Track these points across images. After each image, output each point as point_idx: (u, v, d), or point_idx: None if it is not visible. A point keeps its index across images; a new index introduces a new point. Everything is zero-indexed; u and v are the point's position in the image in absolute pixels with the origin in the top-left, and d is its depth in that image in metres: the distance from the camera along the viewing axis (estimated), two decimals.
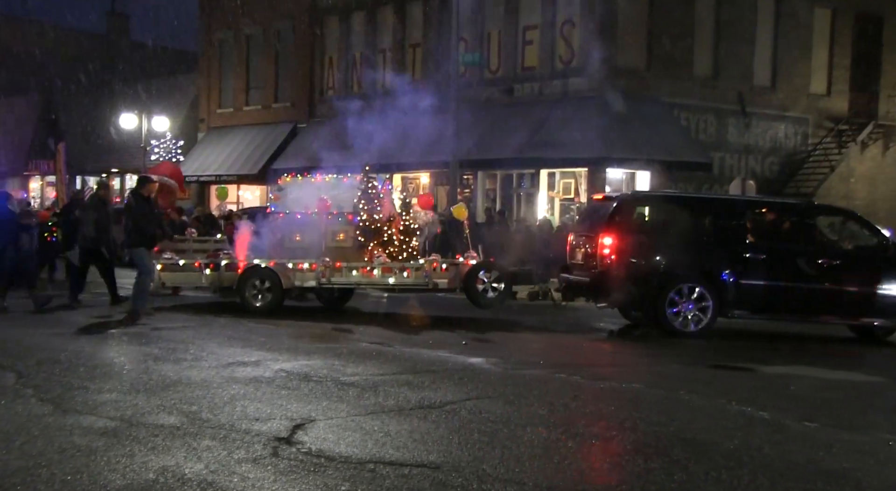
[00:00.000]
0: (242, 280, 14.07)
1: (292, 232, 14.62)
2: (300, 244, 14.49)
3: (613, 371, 10.08)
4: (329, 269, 14.04)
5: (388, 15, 29.82)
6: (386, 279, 14.18)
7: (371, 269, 14.11)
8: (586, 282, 13.31)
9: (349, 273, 14.16)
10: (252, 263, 14.14)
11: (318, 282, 14.19)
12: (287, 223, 14.74)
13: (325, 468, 5.78)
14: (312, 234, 14.46)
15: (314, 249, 14.32)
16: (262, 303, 14.00)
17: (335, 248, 14.39)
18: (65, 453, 5.93)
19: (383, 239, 14.37)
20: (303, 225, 14.59)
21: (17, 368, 8.83)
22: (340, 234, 14.50)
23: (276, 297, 14.04)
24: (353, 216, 14.48)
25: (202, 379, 8.61)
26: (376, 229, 14.36)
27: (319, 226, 14.49)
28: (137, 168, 35.59)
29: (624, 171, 24.64)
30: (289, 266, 14.07)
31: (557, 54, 25.20)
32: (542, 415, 7.55)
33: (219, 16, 35.76)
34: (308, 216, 14.58)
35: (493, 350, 11.25)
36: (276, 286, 14.00)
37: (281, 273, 13.99)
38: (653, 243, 13.03)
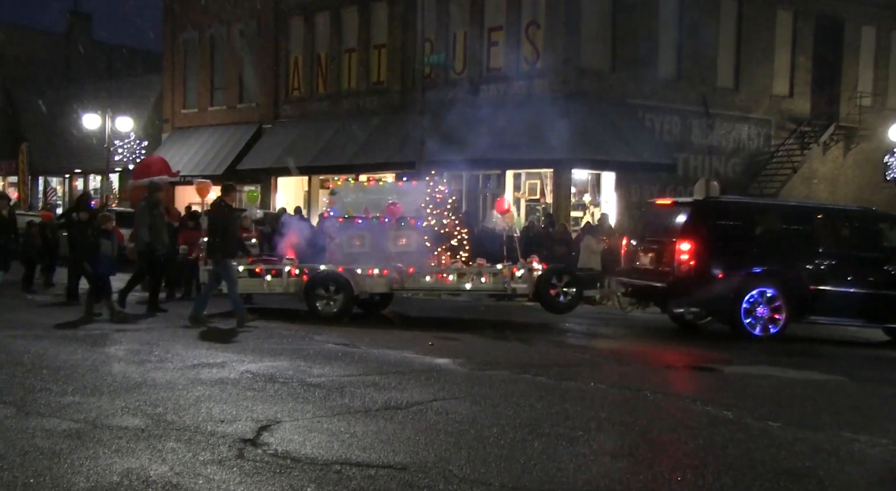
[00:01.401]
0: (310, 286, 13.74)
1: (352, 236, 14.27)
2: (360, 249, 14.15)
3: (579, 371, 10.15)
4: (402, 274, 13.73)
5: (352, 15, 29.76)
6: (462, 284, 13.88)
7: (447, 274, 13.83)
8: (661, 287, 13.29)
9: (422, 279, 13.84)
10: (320, 269, 13.82)
11: (389, 288, 13.85)
12: (347, 228, 14.37)
13: (291, 470, 5.77)
14: (374, 238, 14.11)
15: (377, 253, 13.98)
16: (332, 309, 13.68)
17: (398, 253, 14.04)
18: (27, 456, 5.86)
19: (453, 244, 14.06)
20: (363, 229, 14.23)
21: None
22: (403, 239, 14.18)
23: (346, 303, 13.69)
24: (417, 221, 14.12)
25: (167, 381, 8.55)
26: (446, 234, 14.03)
27: (383, 230, 14.13)
28: (101, 168, 35.25)
29: (589, 173, 24.84)
30: (358, 272, 13.71)
31: (522, 55, 25.31)
32: (508, 415, 7.59)
33: (183, 15, 35.47)
34: (368, 220, 14.20)
35: (459, 351, 11.27)
36: (346, 292, 13.66)
37: (351, 279, 13.66)
38: (728, 249, 13.21)
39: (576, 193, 25.03)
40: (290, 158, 28.02)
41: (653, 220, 14.70)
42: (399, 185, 15.17)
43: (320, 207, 28.94)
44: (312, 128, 30.21)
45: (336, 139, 29.09)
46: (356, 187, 15.01)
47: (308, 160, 29.08)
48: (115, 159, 35.56)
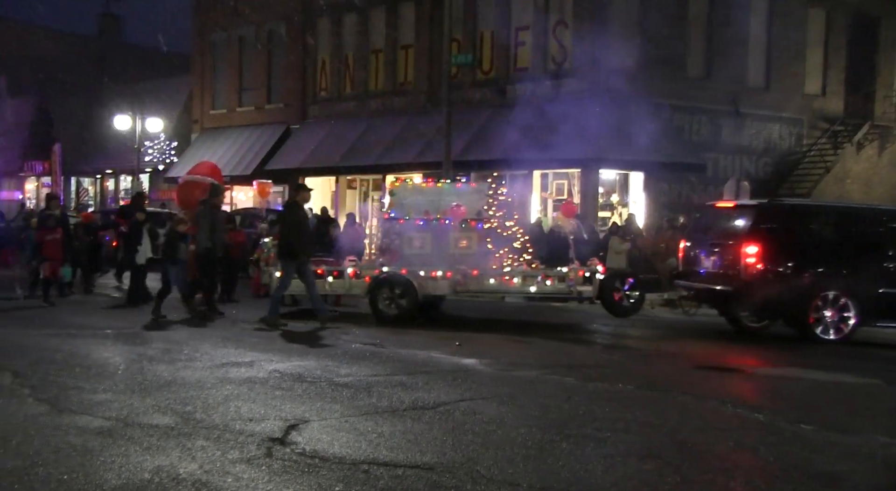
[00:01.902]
0: (374, 288, 13.65)
1: (413, 238, 14.14)
2: (421, 250, 14.00)
3: (606, 373, 10.10)
4: (466, 277, 13.61)
5: (379, 16, 29.82)
6: (526, 287, 13.71)
7: (511, 277, 13.67)
8: (727, 291, 13.13)
9: (486, 281, 13.70)
10: (385, 271, 13.74)
11: (452, 290, 13.76)
12: (407, 229, 14.20)
13: (319, 469, 5.80)
14: (436, 240, 13.98)
15: (438, 255, 13.85)
16: (396, 312, 13.59)
17: (459, 255, 13.88)
18: (61, 453, 5.94)
19: (516, 246, 13.90)
20: (424, 231, 14.09)
21: (14, 368, 8.83)
22: (463, 241, 13.99)
23: (410, 305, 13.59)
24: (477, 223, 13.95)
25: (196, 379, 8.62)
26: (509, 236, 13.91)
27: (444, 232, 13.97)
28: (131, 169, 35.59)
29: (617, 173, 24.69)
30: (421, 274, 13.61)
31: (550, 55, 25.23)
32: (535, 416, 7.57)
33: (212, 17, 35.71)
34: (429, 222, 14.06)
35: (486, 351, 11.26)
36: (410, 294, 13.56)
37: (415, 281, 13.56)
38: (795, 251, 13.05)
39: (603, 193, 24.91)
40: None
41: (713, 223, 14.49)
42: (458, 186, 14.91)
43: (347, 208, 29.02)
44: (339, 128, 30.30)
45: (363, 139, 29.16)
46: (414, 189, 14.87)
47: (335, 160, 29.19)
48: (146, 160, 35.90)
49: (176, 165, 35.62)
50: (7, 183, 45.99)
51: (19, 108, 45.35)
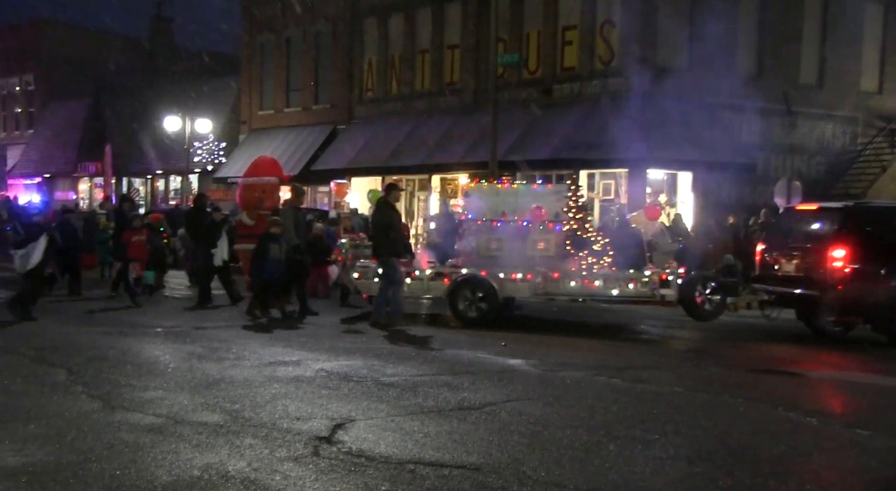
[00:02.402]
0: (454, 290, 13.52)
1: (490, 239, 13.91)
2: (498, 252, 13.77)
3: (654, 374, 9.99)
4: (546, 279, 13.43)
5: (426, 16, 29.86)
6: (608, 290, 13.44)
7: (593, 279, 13.40)
8: (812, 295, 12.86)
9: (567, 284, 13.47)
10: (463, 273, 13.61)
11: (532, 293, 13.51)
12: (485, 231, 13.97)
13: (366, 468, 5.81)
14: (513, 242, 13.71)
15: (515, 257, 13.61)
16: (476, 314, 13.44)
17: (537, 257, 13.64)
18: (113, 449, 6.04)
19: (595, 249, 13.65)
20: (502, 233, 13.84)
21: (68, 366, 9.01)
22: (541, 243, 13.73)
23: (491, 308, 13.45)
24: (555, 224, 13.73)
25: (244, 378, 8.71)
26: (587, 239, 13.69)
27: (522, 234, 13.71)
28: (181, 169, 36.11)
29: (665, 173, 24.42)
30: (501, 276, 13.42)
31: (597, 54, 25.05)
32: (582, 417, 7.52)
33: (260, 19, 36.08)
34: (507, 224, 13.83)
35: (532, 352, 11.21)
36: (491, 297, 13.41)
37: (495, 283, 13.38)
38: (884, 255, 12.71)
39: (651, 194, 24.64)
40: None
41: (794, 226, 14.16)
42: (534, 187, 14.70)
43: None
44: (386, 128, 30.41)
45: (409, 140, 29.24)
46: (489, 190, 14.67)
47: (381, 161, 29.30)
48: (195, 160, 36.38)
49: (224, 166, 36.05)
50: (61, 183, 46.92)
51: (72, 110, 46.27)
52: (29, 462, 5.68)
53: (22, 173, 47.39)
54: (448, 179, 28.76)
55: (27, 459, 5.76)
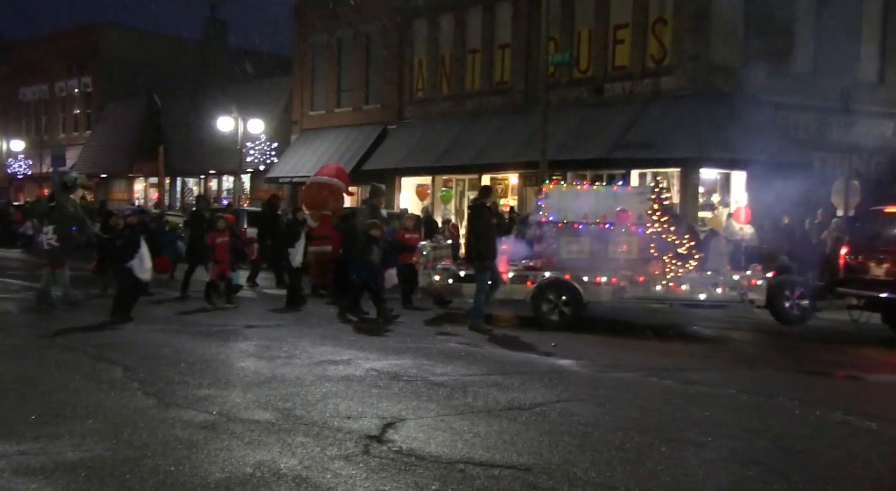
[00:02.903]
0: (538, 294, 13.43)
1: (570, 242, 13.78)
2: (579, 255, 13.65)
3: (706, 376, 9.86)
4: (631, 283, 13.30)
5: (476, 16, 29.84)
6: (696, 295, 13.29)
7: (679, 283, 13.26)
8: None
9: (652, 288, 13.35)
10: (546, 276, 13.46)
11: (616, 296, 13.43)
12: (566, 233, 13.82)
13: (416, 467, 5.83)
14: (594, 245, 13.63)
15: (597, 260, 13.51)
16: (560, 318, 13.34)
17: (619, 260, 13.57)
18: (168, 445, 6.13)
19: (680, 252, 13.46)
20: (583, 235, 13.72)
21: (124, 363, 9.18)
22: (624, 246, 13.60)
23: (575, 311, 13.35)
24: (638, 227, 13.58)
25: (295, 376, 8.79)
26: (672, 242, 13.50)
27: (605, 237, 13.62)
28: (234, 169, 36.56)
29: (718, 172, 24.08)
30: (585, 279, 13.34)
31: (649, 53, 24.81)
32: (633, 418, 7.45)
33: (312, 20, 36.37)
34: (588, 226, 13.67)
35: (582, 352, 11.14)
36: (576, 300, 13.34)
37: (579, 286, 13.30)
38: None
39: (704, 193, 24.33)
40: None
41: (882, 229, 13.80)
42: (614, 189, 14.52)
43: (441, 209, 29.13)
44: (435, 128, 30.46)
45: (459, 140, 29.24)
46: (568, 191, 14.48)
47: (431, 160, 29.35)
48: (247, 160, 36.81)
49: (276, 166, 36.41)
50: (117, 184, 47.85)
51: (128, 112, 47.15)
52: (87, 457, 5.80)
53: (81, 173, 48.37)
54: (498, 179, 28.71)
55: (86, 453, 5.88)
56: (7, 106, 56.68)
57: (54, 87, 52.60)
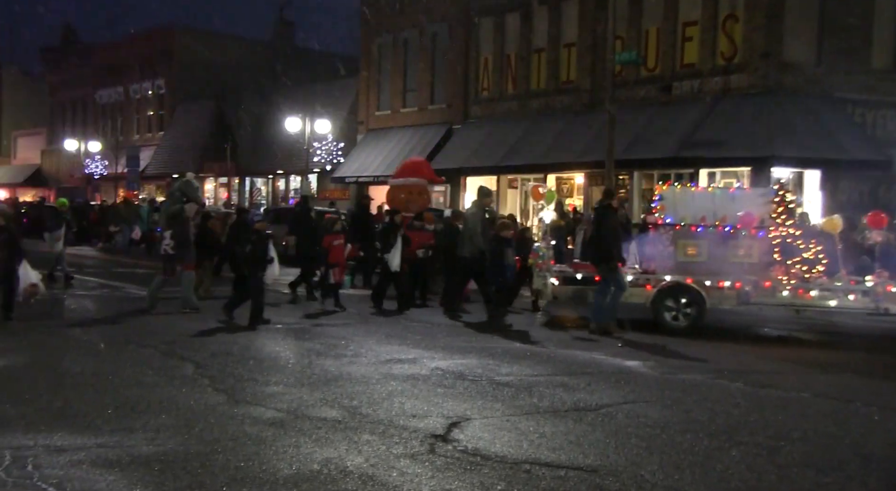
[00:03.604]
0: (659, 298, 13.18)
1: (687, 245, 13.44)
2: (697, 258, 13.34)
3: (779, 378, 9.64)
4: (756, 288, 12.93)
5: (542, 15, 29.70)
6: (825, 302, 12.82)
7: (808, 289, 12.80)
8: None
9: (779, 293, 12.94)
10: (667, 280, 13.23)
11: (741, 301, 13.05)
12: (683, 236, 13.46)
13: (481, 467, 5.82)
14: (712, 248, 13.24)
15: (716, 264, 13.16)
16: (682, 323, 13.09)
17: (739, 264, 13.16)
18: (237, 441, 6.24)
19: (807, 257, 13.04)
20: (701, 238, 13.37)
21: (195, 360, 9.36)
22: (742, 250, 13.24)
23: (699, 316, 13.08)
24: (758, 230, 13.22)
25: (362, 375, 8.85)
26: (798, 246, 13.09)
27: (724, 240, 13.23)
28: (301, 169, 37.03)
29: (791, 171, 23.53)
30: (707, 283, 13.04)
31: (719, 50, 24.37)
32: (701, 421, 7.33)
33: (378, 20, 36.63)
34: (706, 229, 13.32)
35: (649, 354, 11.01)
36: (699, 305, 13.05)
37: (702, 290, 13.02)
38: None
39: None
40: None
41: None
42: (731, 191, 14.19)
43: (508, 207, 29.05)
44: (501, 128, 30.40)
45: (524, 139, 29.14)
46: (683, 193, 14.15)
47: (496, 160, 29.31)
48: (314, 160, 37.25)
49: (342, 166, 36.75)
50: None
51: (199, 112, 48.11)
52: (161, 451, 5.93)
53: (153, 174, 49.56)
54: (563, 179, 28.54)
55: (159, 447, 6.01)
56: (85, 108, 58.35)
57: (129, 90, 53.96)
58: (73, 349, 10.06)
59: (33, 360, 9.35)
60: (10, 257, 11.78)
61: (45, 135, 62.32)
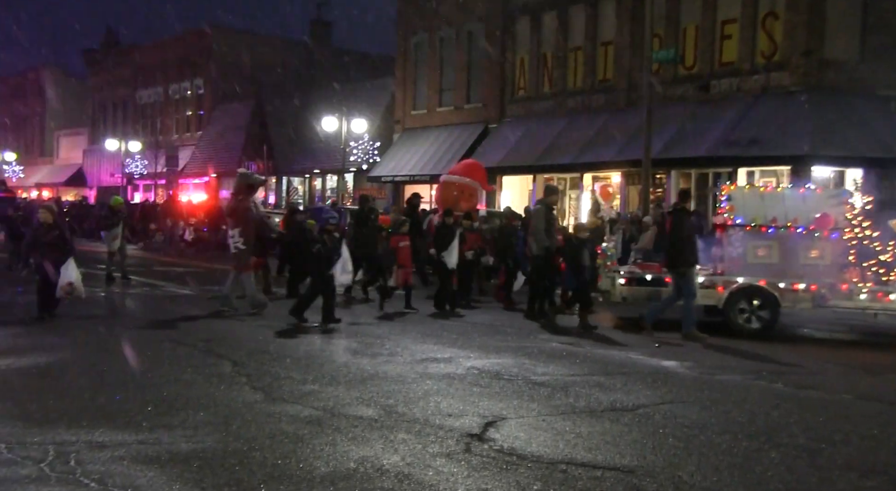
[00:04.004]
0: (732, 300, 13.00)
1: (757, 247, 13.23)
2: (767, 260, 13.16)
3: (820, 380, 9.51)
4: (832, 291, 12.71)
5: (579, 13, 29.56)
6: None
7: (888, 293, 12.57)
8: None
9: (856, 296, 12.72)
10: (739, 282, 13.03)
11: (815, 303, 12.89)
12: (754, 237, 13.26)
13: (517, 467, 5.80)
14: (784, 250, 13.09)
15: (788, 266, 13.02)
16: (755, 326, 12.92)
17: (811, 266, 12.99)
18: (275, 439, 6.28)
19: (884, 259, 12.80)
20: (772, 239, 13.17)
21: (233, 358, 9.45)
22: (815, 251, 13.06)
23: (772, 318, 12.93)
24: (831, 232, 12.92)
25: (397, 374, 8.87)
26: (873, 248, 12.84)
27: (796, 242, 13.05)
28: (337, 169, 37.21)
29: (832, 170, 23.19)
30: (781, 286, 12.87)
31: (758, 48, 24.09)
32: (740, 422, 7.25)
33: (415, 19, 36.70)
34: (777, 230, 13.11)
35: (686, 353, 10.91)
36: (772, 307, 12.89)
37: (776, 293, 12.87)
38: None
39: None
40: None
41: None
42: (800, 191, 13.96)
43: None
44: (537, 127, 30.32)
45: (561, 138, 29.04)
46: (751, 193, 13.94)
47: (532, 159, 29.24)
48: (350, 160, 37.41)
49: (378, 165, 36.87)
50: (226, 183, 49.30)
51: (237, 112, 48.55)
52: (199, 448, 5.99)
53: (191, 173, 50.12)
54: (600, 178, 28.38)
55: (198, 445, 6.07)
56: (125, 108, 59.17)
57: (169, 90, 54.62)
58: (113, 347, 10.20)
59: (75, 357, 9.50)
60: (61, 256, 11.89)
61: (86, 135, 63.33)
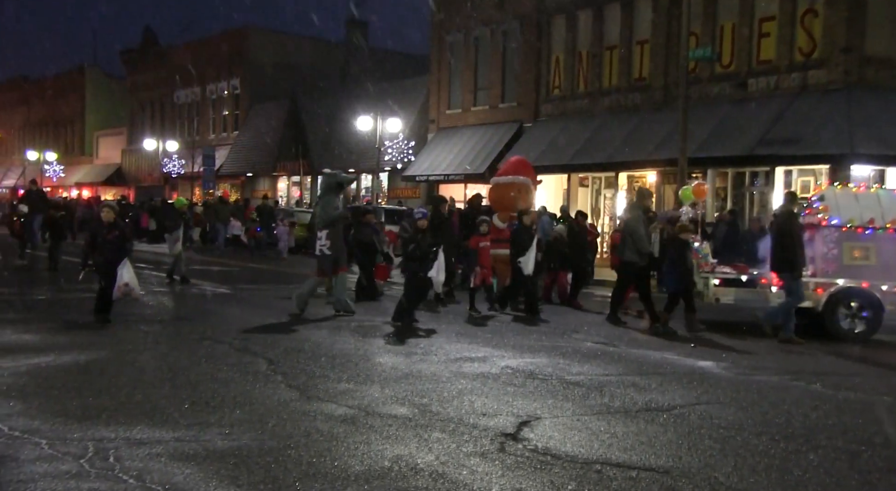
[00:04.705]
0: (832, 303, 12.82)
1: (853, 248, 13.02)
2: (864, 262, 12.93)
3: (859, 381, 9.38)
4: None
5: (615, 12, 29.40)
6: None
7: None
8: None
9: None
10: (839, 284, 12.87)
11: None
12: (850, 238, 13.04)
13: (552, 466, 5.80)
14: (881, 251, 12.88)
15: (886, 268, 12.80)
16: (857, 329, 12.74)
17: None
18: (310, 437, 6.33)
19: None
20: (869, 241, 12.96)
21: (268, 356, 9.53)
22: None
23: (876, 322, 12.74)
24: None
25: (432, 373, 8.90)
26: None
27: (894, 242, 12.85)
28: (372, 168, 37.35)
29: (872, 169, 22.84)
30: (884, 288, 12.68)
31: (797, 46, 23.81)
32: (778, 424, 7.18)
33: (450, 19, 36.72)
34: (876, 231, 12.90)
35: (723, 354, 10.82)
36: (875, 310, 12.70)
37: (879, 296, 12.67)
38: None
39: None
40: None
41: None
42: (895, 193, 13.73)
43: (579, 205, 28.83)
44: (572, 126, 30.21)
45: (596, 137, 28.91)
46: (844, 193, 13.67)
47: (567, 158, 29.13)
48: (385, 159, 37.53)
49: (412, 164, 36.94)
50: (261, 182, 49.71)
51: (272, 112, 48.90)
52: (236, 446, 6.05)
53: (228, 173, 50.57)
54: (635, 177, 28.21)
55: (234, 442, 6.14)
56: (163, 108, 59.86)
57: (205, 90, 55.16)
58: (151, 345, 10.35)
59: (114, 355, 9.64)
60: (118, 256, 11.71)
61: (125, 134, 64.15)
